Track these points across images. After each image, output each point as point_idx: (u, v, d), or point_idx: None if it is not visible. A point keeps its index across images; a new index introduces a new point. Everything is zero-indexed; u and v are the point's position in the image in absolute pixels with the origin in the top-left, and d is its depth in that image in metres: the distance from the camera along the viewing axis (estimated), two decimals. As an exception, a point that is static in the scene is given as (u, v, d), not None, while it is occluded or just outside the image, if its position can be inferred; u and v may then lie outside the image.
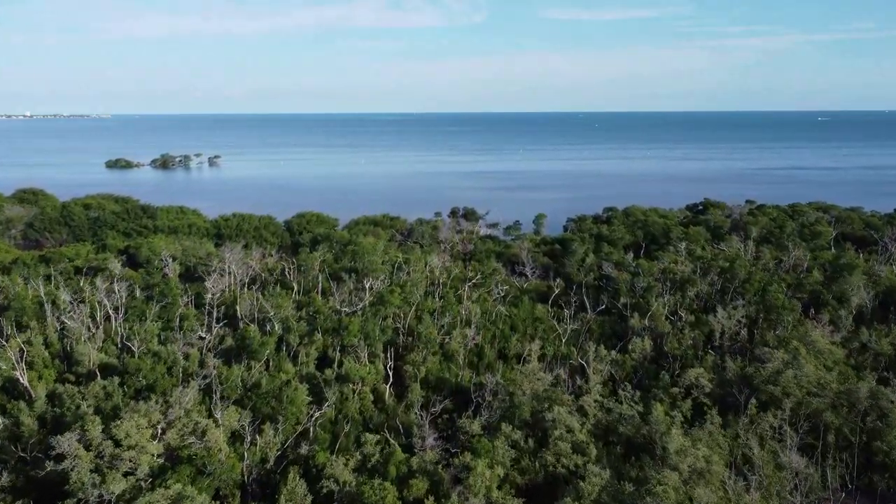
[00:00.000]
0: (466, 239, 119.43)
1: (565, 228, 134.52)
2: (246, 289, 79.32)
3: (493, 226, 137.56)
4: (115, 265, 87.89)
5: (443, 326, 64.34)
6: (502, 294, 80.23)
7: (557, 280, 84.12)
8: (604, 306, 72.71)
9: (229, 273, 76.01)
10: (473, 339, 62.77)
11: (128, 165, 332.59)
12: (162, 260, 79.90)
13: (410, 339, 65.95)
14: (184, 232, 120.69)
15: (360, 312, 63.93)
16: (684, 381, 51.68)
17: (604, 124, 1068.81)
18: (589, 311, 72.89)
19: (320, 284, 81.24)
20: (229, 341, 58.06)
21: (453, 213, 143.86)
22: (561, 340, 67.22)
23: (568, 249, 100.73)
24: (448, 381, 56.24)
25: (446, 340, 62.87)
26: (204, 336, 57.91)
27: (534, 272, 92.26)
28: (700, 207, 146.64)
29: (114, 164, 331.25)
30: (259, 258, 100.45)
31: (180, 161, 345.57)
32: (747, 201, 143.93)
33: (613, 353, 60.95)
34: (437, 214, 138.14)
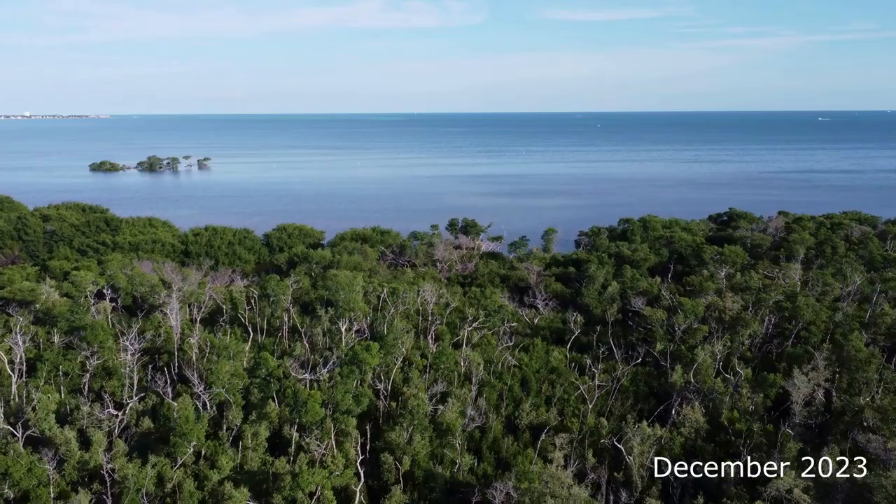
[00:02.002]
0: (466, 258, 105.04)
1: (577, 244, 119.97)
2: (197, 327, 64.87)
3: (497, 239, 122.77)
4: (52, 295, 73.66)
5: (436, 394, 49.85)
6: (509, 334, 66.03)
7: (575, 315, 69.48)
8: (639, 360, 58.17)
9: (173, 311, 61.46)
10: (479, 415, 48.42)
11: (113, 168, 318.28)
12: (87, 296, 65.19)
13: (394, 404, 51.58)
14: (146, 249, 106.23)
15: (327, 375, 49.51)
16: (769, 492, 37.19)
17: (605, 125, 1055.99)
18: (618, 362, 58.57)
19: (288, 323, 66.93)
20: (147, 422, 43.55)
21: (452, 225, 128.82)
22: (587, 403, 52.96)
23: (584, 273, 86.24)
24: (441, 477, 41.83)
25: (440, 410, 48.46)
26: (115, 413, 43.52)
27: (546, 303, 77.90)
28: (725, 218, 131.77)
29: (98, 168, 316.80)
30: (226, 284, 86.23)
31: (167, 164, 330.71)
32: (780, 212, 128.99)
33: (659, 429, 46.48)
34: (434, 227, 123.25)
